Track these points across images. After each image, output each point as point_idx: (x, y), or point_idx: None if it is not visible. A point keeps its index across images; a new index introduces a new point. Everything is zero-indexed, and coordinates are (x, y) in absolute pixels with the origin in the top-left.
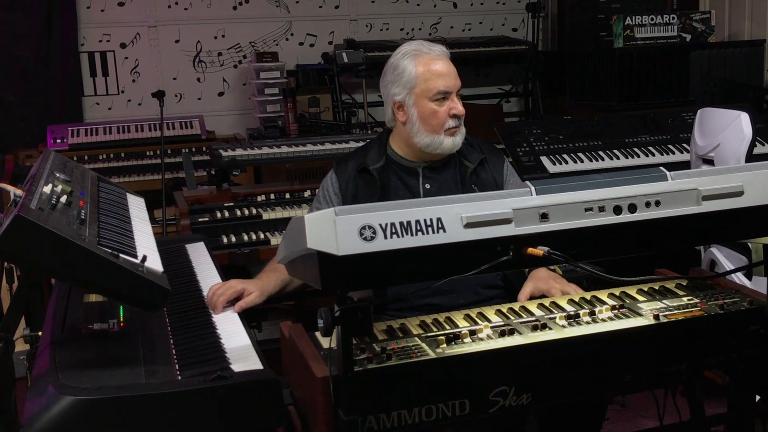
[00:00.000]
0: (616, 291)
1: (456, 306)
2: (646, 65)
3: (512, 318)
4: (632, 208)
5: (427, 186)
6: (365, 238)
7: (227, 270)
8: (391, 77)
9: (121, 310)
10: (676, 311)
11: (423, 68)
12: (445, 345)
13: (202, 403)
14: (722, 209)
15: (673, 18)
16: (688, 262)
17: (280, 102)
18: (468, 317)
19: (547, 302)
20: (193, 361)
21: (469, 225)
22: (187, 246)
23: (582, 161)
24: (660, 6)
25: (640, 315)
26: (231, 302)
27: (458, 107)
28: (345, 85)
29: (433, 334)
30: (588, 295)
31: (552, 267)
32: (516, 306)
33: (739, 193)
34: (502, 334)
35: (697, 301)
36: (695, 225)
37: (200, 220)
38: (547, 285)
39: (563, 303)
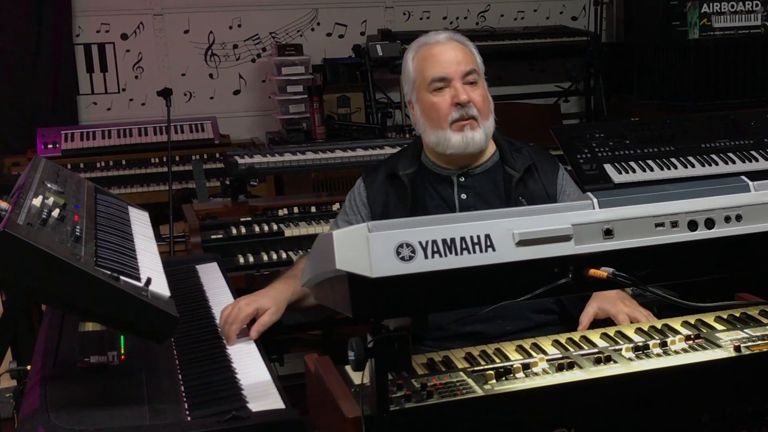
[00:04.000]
0: (691, 319)
1: (504, 334)
2: (726, 59)
3: (571, 349)
4: (710, 224)
5: (463, 197)
6: (403, 258)
7: (244, 294)
8: (402, 78)
9: (122, 341)
10: (759, 342)
11: (420, 58)
12: (494, 381)
13: None
14: None
15: (757, 5)
16: None
17: (304, 102)
18: (521, 349)
19: (611, 331)
20: (204, 399)
21: (522, 243)
22: (198, 267)
23: (651, 169)
24: None
25: (719, 346)
26: (246, 326)
27: (459, 94)
28: (379, 82)
29: (481, 368)
30: (659, 324)
31: None
32: (575, 336)
33: None
34: (560, 368)
35: None
36: None
37: (213, 237)
38: (614, 308)
39: (630, 332)
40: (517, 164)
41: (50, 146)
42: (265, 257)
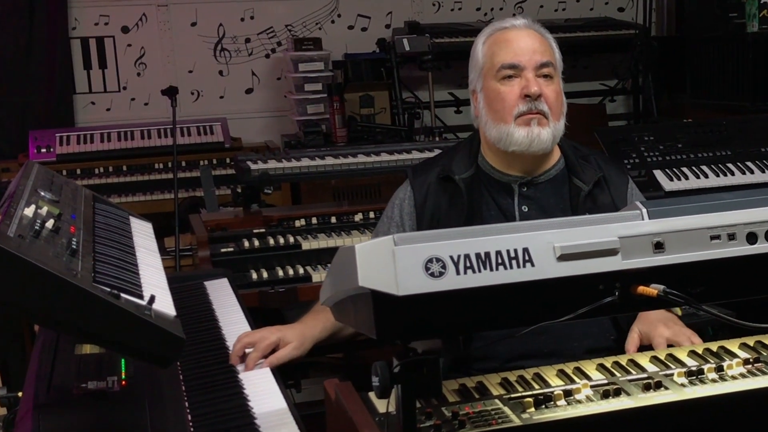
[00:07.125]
0: (750, 340)
1: None
2: None
3: (618, 374)
4: None
5: (525, 209)
6: (432, 274)
7: (257, 313)
8: (469, 64)
9: (123, 365)
10: None
11: (491, 42)
12: (533, 409)
13: None
14: None
15: None
16: None
17: (323, 101)
18: (562, 373)
19: (661, 354)
20: (213, 429)
21: (563, 257)
22: (207, 283)
23: (706, 176)
24: None
25: None
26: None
27: (530, 85)
28: (406, 80)
29: (518, 394)
30: (714, 346)
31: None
32: (622, 359)
33: None
34: (606, 395)
35: None
36: None
37: (223, 250)
38: (654, 331)
39: (683, 355)
40: (586, 176)
41: (44, 150)
42: (281, 272)
